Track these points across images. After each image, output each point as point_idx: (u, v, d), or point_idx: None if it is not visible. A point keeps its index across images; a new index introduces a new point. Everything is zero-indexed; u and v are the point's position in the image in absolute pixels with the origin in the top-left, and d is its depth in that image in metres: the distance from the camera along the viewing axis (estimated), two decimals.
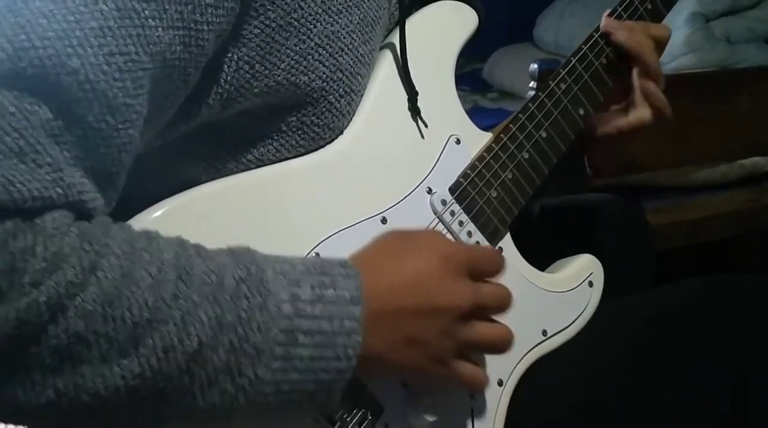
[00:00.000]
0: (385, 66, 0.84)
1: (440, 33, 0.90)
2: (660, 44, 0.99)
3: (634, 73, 0.99)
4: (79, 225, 0.60)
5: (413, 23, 0.86)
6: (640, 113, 1.00)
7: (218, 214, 0.74)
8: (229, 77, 0.71)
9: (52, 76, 0.58)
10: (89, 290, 0.58)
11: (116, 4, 0.61)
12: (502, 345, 0.77)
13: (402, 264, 0.72)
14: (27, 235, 0.57)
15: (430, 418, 0.79)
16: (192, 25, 0.65)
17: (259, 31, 0.71)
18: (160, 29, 0.63)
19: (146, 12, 0.62)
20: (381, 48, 0.85)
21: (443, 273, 0.73)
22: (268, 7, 0.71)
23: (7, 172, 0.56)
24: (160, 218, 0.71)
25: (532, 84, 0.99)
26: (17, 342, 0.56)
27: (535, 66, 0.99)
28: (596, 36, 0.98)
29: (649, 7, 1.01)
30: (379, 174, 0.82)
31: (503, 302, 0.77)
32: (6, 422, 0.64)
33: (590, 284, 0.93)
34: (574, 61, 0.96)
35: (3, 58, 0.57)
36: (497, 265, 0.78)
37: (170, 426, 0.65)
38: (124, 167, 0.64)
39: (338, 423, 0.75)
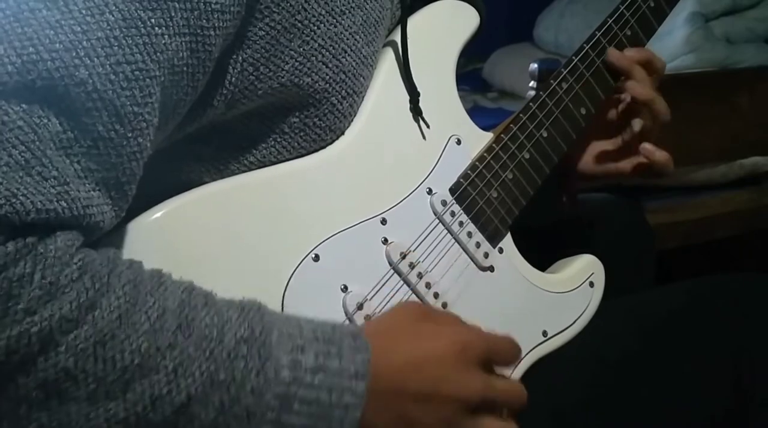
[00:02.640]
0: (387, 66, 0.84)
1: (441, 32, 0.90)
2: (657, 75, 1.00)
3: (636, 122, 1.00)
4: (84, 255, 0.59)
5: (414, 22, 0.86)
6: (637, 161, 1.02)
7: (218, 215, 0.73)
8: (233, 79, 0.71)
9: (60, 87, 0.58)
10: (84, 328, 0.57)
11: (122, 14, 0.61)
12: None
13: (417, 344, 0.71)
14: (27, 261, 0.56)
15: None
16: (199, 31, 0.65)
17: (264, 33, 0.71)
18: (166, 37, 0.63)
19: (152, 20, 0.62)
20: (383, 48, 0.85)
21: (456, 362, 0.70)
22: (273, 9, 0.71)
23: (11, 185, 0.56)
24: (161, 219, 0.71)
25: (532, 84, 0.99)
26: (5, 371, 0.56)
27: (535, 66, 0.99)
28: (598, 35, 0.97)
29: (652, 5, 1.01)
30: (380, 175, 0.82)
31: (514, 399, 0.75)
32: None
33: (591, 285, 0.93)
34: (576, 60, 0.96)
35: (12, 71, 0.57)
36: (514, 356, 0.76)
37: None
38: (135, 176, 0.64)
39: None
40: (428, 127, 0.86)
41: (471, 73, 2.17)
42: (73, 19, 0.59)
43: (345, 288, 0.77)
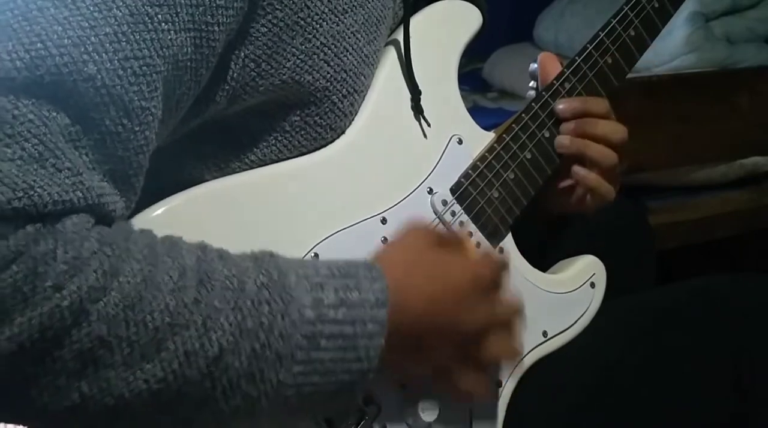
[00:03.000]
0: (389, 65, 0.84)
1: (444, 32, 0.90)
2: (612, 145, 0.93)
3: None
4: (99, 229, 0.60)
5: (417, 22, 0.86)
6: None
7: (218, 213, 0.74)
8: (235, 74, 0.71)
9: (69, 82, 0.59)
10: (111, 294, 0.58)
11: (129, 9, 0.61)
12: (509, 359, 0.82)
13: (431, 277, 0.73)
14: (48, 240, 0.57)
15: (428, 419, 0.79)
16: (203, 27, 0.65)
17: (266, 29, 0.71)
18: (172, 32, 0.63)
19: (159, 16, 0.62)
20: (385, 47, 0.85)
21: (469, 294, 0.74)
22: (276, 6, 0.71)
23: (28, 178, 0.57)
24: (161, 216, 0.71)
25: (532, 84, 0.99)
26: (41, 347, 0.57)
27: (535, 66, 0.99)
28: (602, 35, 0.97)
29: (657, 5, 1.01)
30: (380, 174, 0.82)
31: (513, 317, 0.79)
32: (31, 424, 0.65)
33: (592, 285, 0.93)
34: (579, 60, 0.95)
35: (20, 66, 0.58)
36: (503, 268, 0.79)
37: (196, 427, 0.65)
38: (142, 169, 0.64)
39: (336, 423, 0.75)
40: (429, 126, 0.86)
41: (471, 73, 2.16)
42: (81, 16, 0.60)
43: None
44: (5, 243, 0.56)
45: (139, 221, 0.70)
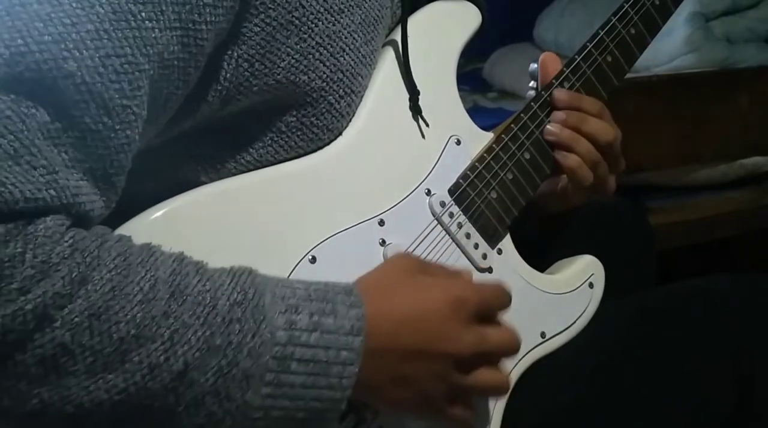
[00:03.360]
0: (387, 65, 0.84)
1: (443, 31, 0.89)
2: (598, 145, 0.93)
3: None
4: (74, 234, 0.60)
5: (415, 21, 0.86)
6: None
7: (215, 216, 0.74)
8: (228, 74, 0.71)
9: (48, 79, 0.59)
10: (77, 302, 0.58)
11: (112, 7, 0.61)
12: (499, 390, 0.79)
13: (411, 299, 0.72)
14: (18, 242, 0.57)
15: (426, 421, 0.79)
16: (190, 25, 0.65)
17: (259, 29, 0.71)
18: (156, 30, 0.63)
19: (142, 14, 0.62)
20: (383, 46, 0.85)
21: (450, 318, 0.72)
22: (269, 6, 0.71)
23: (0, 174, 0.57)
24: (160, 219, 0.71)
25: (532, 84, 0.99)
26: (3, 350, 0.57)
27: (535, 66, 0.99)
28: (602, 33, 0.97)
29: (657, 3, 1.00)
30: (378, 175, 0.81)
31: (508, 347, 0.77)
32: None
33: (591, 285, 0.93)
34: (578, 59, 0.95)
35: (0, 62, 0.58)
36: (506, 304, 0.78)
37: None
38: (123, 168, 0.64)
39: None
40: (428, 126, 0.85)
41: (471, 73, 2.16)
42: (63, 12, 0.60)
43: None
44: None
45: (139, 223, 0.70)
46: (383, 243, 0.80)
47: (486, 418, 0.84)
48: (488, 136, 0.91)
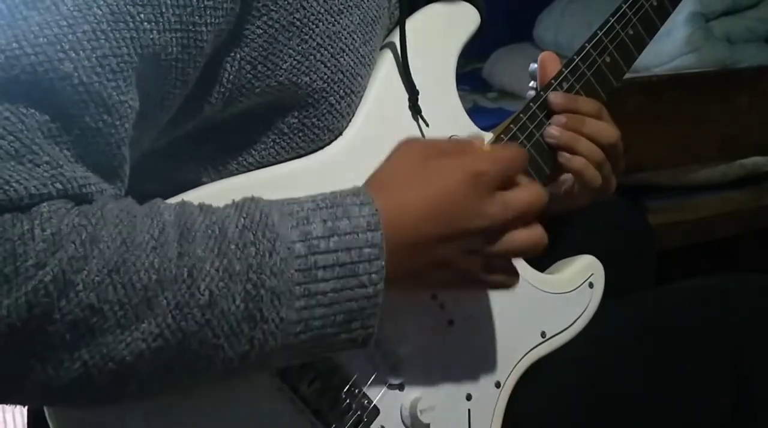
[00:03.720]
0: (386, 66, 0.84)
1: (442, 31, 0.89)
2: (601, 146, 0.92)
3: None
4: (79, 208, 0.60)
5: (414, 22, 0.86)
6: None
7: None
8: (231, 76, 0.71)
9: (45, 81, 0.59)
10: (93, 262, 0.58)
11: (110, 8, 0.61)
12: (536, 248, 0.76)
13: (425, 190, 0.72)
14: (24, 221, 0.57)
15: (427, 420, 0.79)
16: (190, 27, 0.65)
17: (261, 31, 0.71)
18: (155, 32, 0.63)
19: (141, 15, 0.62)
20: (381, 48, 0.85)
21: (471, 195, 0.72)
22: (271, 8, 0.71)
23: (3, 173, 0.57)
24: None
25: (532, 84, 0.99)
26: (33, 325, 0.57)
27: (535, 66, 0.99)
28: (600, 34, 0.97)
29: (655, 4, 1.00)
30: None
31: (535, 207, 0.75)
32: (42, 404, 0.66)
33: (590, 285, 0.93)
34: (577, 59, 0.95)
35: None
36: (523, 165, 0.77)
37: (210, 380, 0.66)
38: (126, 159, 0.64)
39: (333, 424, 0.75)
40: (427, 126, 0.85)
41: (471, 73, 2.16)
42: (60, 15, 0.60)
43: None
44: None
45: None
46: None
47: (487, 417, 0.84)
48: (488, 137, 0.91)
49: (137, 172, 0.67)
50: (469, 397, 0.84)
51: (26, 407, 0.79)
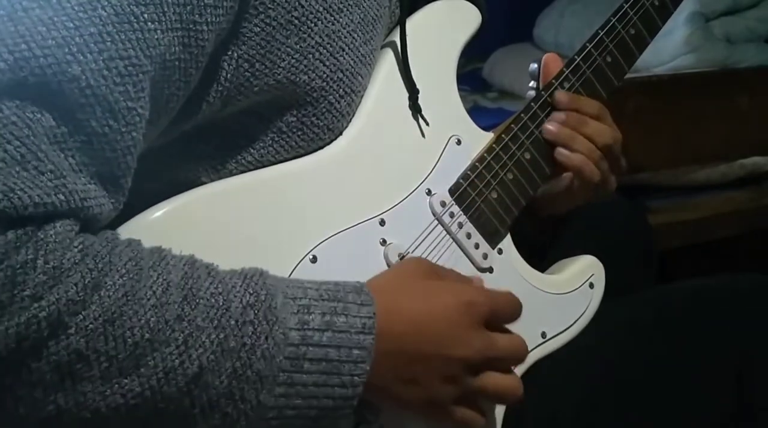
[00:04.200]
0: (386, 65, 0.84)
1: (442, 31, 0.89)
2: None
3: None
4: (83, 239, 0.60)
5: (415, 21, 0.86)
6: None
7: (217, 216, 0.73)
8: (229, 75, 0.71)
9: (53, 83, 0.58)
10: (91, 308, 0.58)
11: (114, 9, 0.61)
12: (509, 395, 0.77)
13: (422, 302, 0.72)
14: (29, 248, 0.57)
15: (431, 422, 0.79)
16: (191, 26, 0.65)
17: (259, 29, 0.71)
18: (159, 32, 0.63)
19: (145, 15, 0.62)
20: (382, 47, 0.85)
21: (461, 322, 0.73)
22: (269, 6, 0.71)
23: (8, 180, 0.56)
24: (160, 219, 0.71)
25: (532, 84, 0.99)
26: (18, 357, 0.57)
27: (535, 66, 0.99)
28: (602, 34, 0.97)
29: (657, 3, 1.00)
30: (378, 175, 0.81)
31: (516, 355, 0.77)
32: None
33: (591, 285, 0.93)
34: (578, 59, 0.95)
35: (4, 68, 0.57)
36: (516, 313, 0.78)
37: None
38: (130, 170, 0.64)
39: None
40: (428, 125, 0.85)
41: (471, 73, 2.16)
42: (66, 16, 0.59)
43: None
44: None
45: (139, 223, 0.70)
46: (384, 242, 0.80)
47: (490, 421, 0.84)
48: (488, 136, 0.91)
49: (135, 171, 0.67)
50: None
51: None
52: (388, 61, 0.84)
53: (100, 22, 0.60)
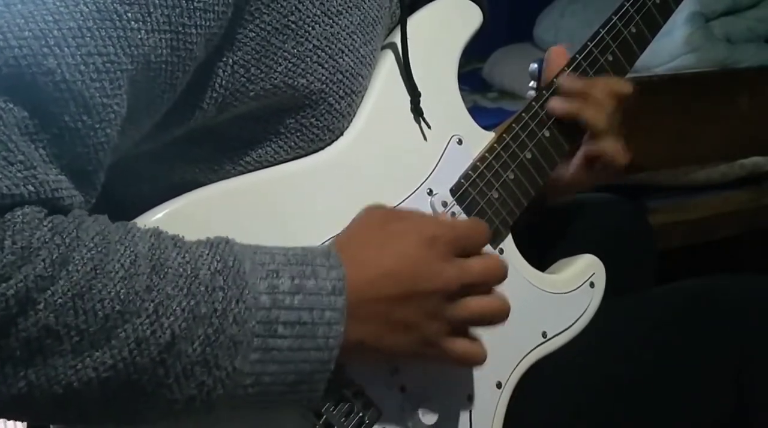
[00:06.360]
0: (387, 66, 0.84)
1: (443, 31, 0.89)
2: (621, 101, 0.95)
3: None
4: (52, 219, 0.60)
5: (415, 22, 0.86)
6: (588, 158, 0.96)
7: (217, 217, 0.73)
8: (224, 81, 0.71)
9: (27, 75, 0.58)
10: (59, 283, 0.58)
11: (97, 6, 0.61)
12: (496, 315, 0.76)
13: (384, 250, 0.72)
14: None
15: (428, 422, 0.79)
16: (180, 29, 0.64)
17: (254, 34, 0.71)
18: (143, 32, 0.63)
19: (128, 15, 0.62)
20: (383, 48, 0.84)
21: (426, 257, 0.72)
22: (264, 11, 0.70)
23: None
24: (161, 220, 0.71)
25: (532, 84, 0.99)
26: None
27: (535, 66, 0.99)
28: (603, 32, 0.97)
29: (658, 2, 1.00)
30: (380, 176, 0.81)
31: (492, 276, 0.76)
32: None
33: (591, 285, 0.93)
34: (579, 58, 0.95)
35: None
36: (483, 238, 0.77)
37: (150, 419, 0.65)
38: (102, 166, 0.64)
39: (335, 426, 0.75)
40: (429, 127, 0.85)
41: (471, 73, 2.17)
42: (46, 10, 0.59)
43: None
44: None
45: (141, 224, 0.69)
46: None
47: (488, 418, 0.84)
48: (489, 136, 0.91)
49: (132, 174, 0.67)
50: (470, 398, 0.84)
51: None
52: (388, 62, 0.84)
53: (80, 17, 0.60)
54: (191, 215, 0.73)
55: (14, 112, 0.58)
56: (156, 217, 0.71)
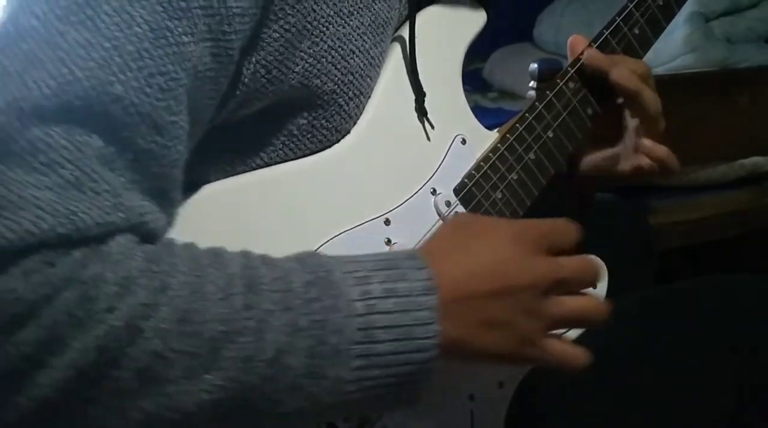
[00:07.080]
0: (392, 66, 0.84)
1: (448, 30, 0.89)
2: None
3: (627, 116, 0.97)
4: (143, 248, 0.60)
5: (421, 21, 0.86)
6: (636, 162, 0.98)
7: (223, 214, 0.74)
8: (246, 80, 0.71)
9: (97, 105, 0.58)
10: (162, 310, 0.58)
11: (150, 25, 0.61)
12: (595, 315, 0.73)
13: (471, 249, 0.71)
14: (95, 263, 0.57)
15: (430, 421, 0.79)
16: (221, 36, 0.65)
17: (278, 35, 0.71)
18: (192, 44, 0.63)
19: (179, 29, 0.62)
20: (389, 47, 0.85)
21: (516, 252, 0.71)
22: (288, 12, 0.71)
23: (68, 204, 0.56)
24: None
25: (532, 84, 0.99)
26: (100, 369, 0.57)
27: (535, 66, 0.99)
28: (606, 33, 0.97)
29: (661, 3, 1.00)
30: (384, 175, 0.82)
31: (587, 274, 0.73)
32: None
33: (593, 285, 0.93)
34: (582, 59, 0.95)
35: (48, 94, 0.57)
36: (571, 235, 0.74)
37: None
38: (178, 183, 0.64)
39: (338, 423, 0.75)
40: (433, 127, 0.85)
41: (471, 73, 2.16)
42: (102, 36, 0.59)
43: None
44: (54, 270, 0.56)
45: None
46: (389, 242, 0.80)
47: (490, 418, 0.85)
48: (493, 136, 0.91)
49: None
50: (471, 398, 0.84)
51: None
52: (394, 62, 0.84)
53: (137, 40, 0.60)
54: (197, 212, 0.72)
55: (91, 143, 0.58)
56: None
